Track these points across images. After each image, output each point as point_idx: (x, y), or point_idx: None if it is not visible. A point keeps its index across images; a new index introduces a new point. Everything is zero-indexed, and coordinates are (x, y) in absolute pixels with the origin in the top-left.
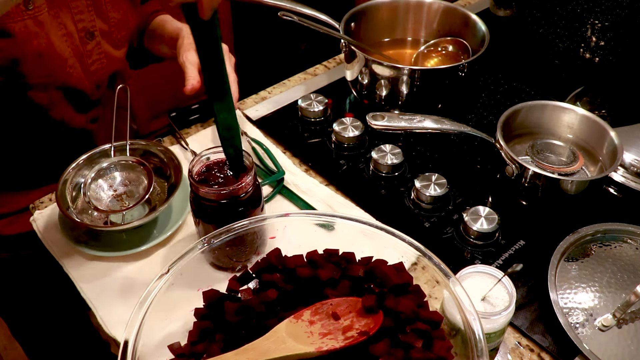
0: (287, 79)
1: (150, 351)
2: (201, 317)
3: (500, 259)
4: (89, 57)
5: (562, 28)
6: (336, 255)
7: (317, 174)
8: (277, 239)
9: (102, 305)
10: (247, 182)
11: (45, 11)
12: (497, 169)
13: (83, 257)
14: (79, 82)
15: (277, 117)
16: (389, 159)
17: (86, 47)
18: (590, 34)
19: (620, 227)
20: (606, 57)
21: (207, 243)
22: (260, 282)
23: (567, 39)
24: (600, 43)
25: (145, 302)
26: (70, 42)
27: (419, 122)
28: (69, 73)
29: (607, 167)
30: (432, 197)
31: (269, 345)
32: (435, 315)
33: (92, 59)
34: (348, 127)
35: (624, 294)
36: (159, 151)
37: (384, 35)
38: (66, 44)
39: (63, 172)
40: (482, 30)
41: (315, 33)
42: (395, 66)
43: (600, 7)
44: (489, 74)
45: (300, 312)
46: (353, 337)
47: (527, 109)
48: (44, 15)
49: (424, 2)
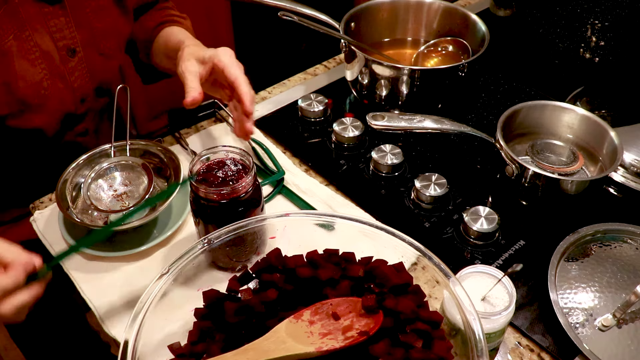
0: (287, 79)
1: (150, 351)
2: (201, 317)
3: (500, 259)
4: (71, 75)
5: (562, 28)
6: (336, 255)
7: (317, 174)
8: (277, 239)
9: (102, 306)
10: (247, 182)
11: (12, 38)
12: (497, 169)
13: (83, 257)
14: (59, 101)
15: (277, 117)
16: (389, 159)
17: (68, 64)
18: (590, 34)
19: (620, 227)
20: (606, 57)
21: (207, 243)
22: (260, 282)
23: (567, 39)
24: (600, 43)
25: (145, 302)
26: (47, 64)
27: (419, 122)
28: (44, 95)
29: (607, 167)
30: (432, 197)
31: (269, 345)
32: (435, 315)
33: (74, 76)
34: (348, 127)
35: (624, 294)
36: (159, 151)
37: (384, 35)
38: (40, 66)
39: (63, 172)
40: (482, 30)
41: (315, 33)
42: (395, 66)
43: (600, 7)
44: (489, 74)
45: (300, 312)
46: (353, 337)
47: (527, 109)
48: (10, 42)
49: (424, 2)
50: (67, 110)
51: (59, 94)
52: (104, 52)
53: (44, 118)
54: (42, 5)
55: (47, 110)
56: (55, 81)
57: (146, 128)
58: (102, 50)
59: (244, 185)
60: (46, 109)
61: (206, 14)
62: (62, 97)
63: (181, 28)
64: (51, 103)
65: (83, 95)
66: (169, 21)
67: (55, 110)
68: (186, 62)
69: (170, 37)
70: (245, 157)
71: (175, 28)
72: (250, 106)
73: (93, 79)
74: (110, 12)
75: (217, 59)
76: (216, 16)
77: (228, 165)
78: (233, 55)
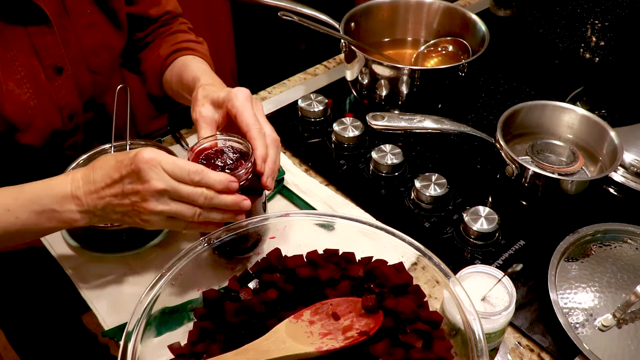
0: (287, 79)
1: (150, 351)
2: (201, 317)
3: (500, 259)
4: (58, 92)
5: (562, 28)
6: (336, 255)
7: (317, 174)
8: (277, 239)
9: (102, 306)
10: (247, 169)
11: None
12: (497, 169)
13: (83, 257)
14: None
15: (277, 117)
16: (389, 159)
17: (54, 82)
18: (590, 34)
19: (620, 227)
20: (606, 57)
21: (207, 243)
22: (260, 282)
23: (567, 39)
24: (600, 43)
25: (145, 302)
26: (32, 83)
27: (419, 122)
28: (31, 115)
29: (607, 167)
30: (432, 197)
31: (269, 346)
32: (435, 315)
33: (62, 94)
34: (348, 127)
35: (624, 294)
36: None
37: (384, 35)
38: (26, 86)
39: (63, 172)
40: (482, 30)
41: (315, 33)
42: (395, 66)
43: (600, 7)
44: (489, 74)
45: (300, 312)
46: (353, 337)
47: (527, 109)
48: None
49: (424, 2)
50: (54, 128)
51: (45, 113)
52: (93, 68)
53: (31, 137)
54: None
55: (34, 129)
56: (42, 100)
57: (146, 128)
58: (91, 67)
59: (243, 172)
60: (33, 127)
61: (206, 14)
62: (49, 116)
63: (196, 57)
64: (38, 122)
65: (71, 112)
66: (183, 49)
67: (42, 129)
68: (200, 108)
69: (185, 70)
70: (244, 144)
71: (189, 58)
72: (261, 166)
73: (82, 95)
74: (102, 28)
75: (231, 104)
76: (216, 16)
77: (227, 153)
78: (249, 97)
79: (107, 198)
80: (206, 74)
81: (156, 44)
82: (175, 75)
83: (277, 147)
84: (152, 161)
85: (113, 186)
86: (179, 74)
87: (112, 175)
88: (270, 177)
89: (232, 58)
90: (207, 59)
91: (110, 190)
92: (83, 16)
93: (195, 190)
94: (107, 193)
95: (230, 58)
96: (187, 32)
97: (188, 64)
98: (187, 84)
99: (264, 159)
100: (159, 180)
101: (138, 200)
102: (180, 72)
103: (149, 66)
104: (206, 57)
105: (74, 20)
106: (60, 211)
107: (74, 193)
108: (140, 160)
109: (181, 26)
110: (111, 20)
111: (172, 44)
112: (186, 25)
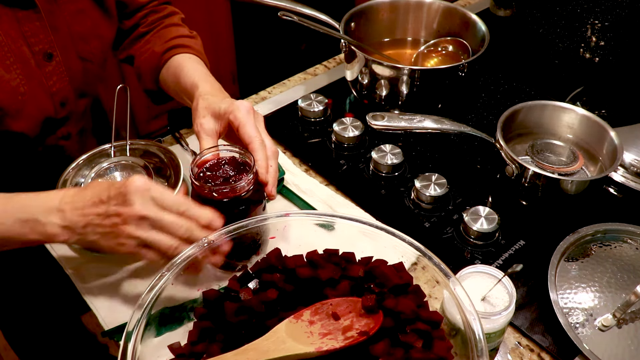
0: (287, 79)
1: (150, 351)
2: (201, 317)
3: (500, 259)
4: (49, 79)
5: (562, 28)
6: (336, 256)
7: (317, 174)
8: (277, 239)
9: (102, 306)
10: (248, 180)
11: None
12: (497, 169)
13: (83, 257)
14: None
15: (277, 117)
16: (389, 159)
17: (45, 69)
18: (590, 34)
19: (620, 227)
20: (606, 57)
21: (207, 243)
22: (260, 282)
23: (567, 39)
24: (600, 43)
25: (145, 302)
26: (22, 69)
27: (419, 122)
28: (21, 101)
29: (607, 167)
30: (432, 197)
31: (268, 346)
32: (435, 315)
33: (52, 80)
34: (348, 127)
35: (624, 294)
36: (159, 151)
37: (384, 35)
38: (16, 72)
39: (63, 172)
40: (482, 30)
41: (315, 33)
42: (395, 66)
43: (600, 7)
44: (489, 74)
45: (300, 312)
46: (353, 337)
47: (527, 109)
48: None
49: (424, 2)
50: (46, 115)
51: (36, 99)
52: (84, 55)
53: (23, 123)
54: (15, 10)
55: (25, 115)
56: (32, 86)
57: (146, 128)
58: (82, 54)
59: (245, 183)
60: (24, 114)
61: (206, 14)
62: (40, 102)
63: (192, 56)
64: (29, 108)
65: (63, 99)
66: (178, 46)
67: (34, 116)
68: (202, 120)
69: (181, 72)
70: (246, 156)
71: (185, 57)
72: (265, 176)
73: (73, 82)
74: (91, 14)
75: (233, 116)
76: (216, 16)
77: (229, 164)
78: (251, 110)
79: (90, 216)
80: (204, 80)
81: (149, 40)
82: (172, 75)
83: (276, 159)
84: (141, 187)
85: (99, 206)
86: (176, 74)
87: (100, 196)
88: (274, 187)
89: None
90: (202, 57)
91: (96, 209)
92: (71, 2)
93: (178, 220)
94: (92, 211)
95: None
96: (180, 26)
97: (184, 66)
98: (186, 88)
99: (266, 170)
100: (142, 205)
101: (118, 222)
102: (177, 74)
103: (143, 63)
104: (201, 55)
105: (62, 6)
106: (43, 222)
107: (61, 207)
108: (130, 185)
109: (173, 18)
110: (100, 6)
111: (165, 40)
112: (178, 17)
